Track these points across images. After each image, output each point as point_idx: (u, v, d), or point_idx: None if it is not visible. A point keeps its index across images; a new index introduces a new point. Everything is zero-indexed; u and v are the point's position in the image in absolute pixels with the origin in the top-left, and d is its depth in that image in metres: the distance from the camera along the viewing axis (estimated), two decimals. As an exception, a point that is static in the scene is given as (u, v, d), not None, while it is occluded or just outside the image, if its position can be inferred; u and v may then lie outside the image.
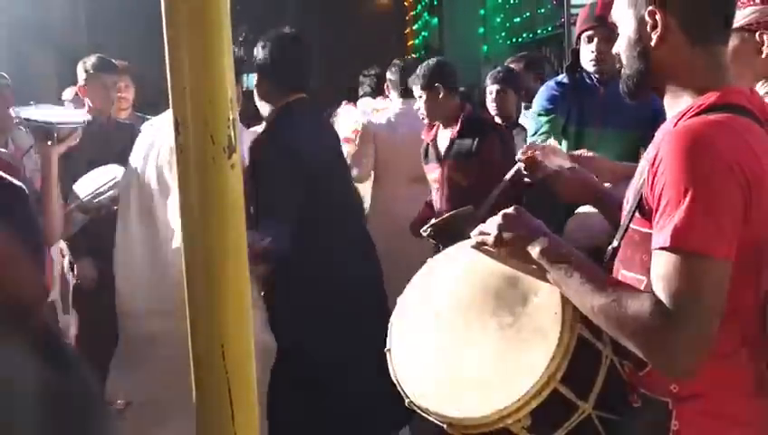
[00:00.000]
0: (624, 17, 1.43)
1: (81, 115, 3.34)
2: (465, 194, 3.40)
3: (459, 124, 3.64)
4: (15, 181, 2.69)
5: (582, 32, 3.08)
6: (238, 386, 1.07)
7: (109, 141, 3.65)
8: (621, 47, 1.46)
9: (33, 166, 3.37)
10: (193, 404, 1.10)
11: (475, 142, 3.53)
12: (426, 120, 3.83)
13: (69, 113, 3.47)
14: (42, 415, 0.84)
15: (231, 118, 1.02)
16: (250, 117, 4.03)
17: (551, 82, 3.40)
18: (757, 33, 1.90)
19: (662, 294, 1.22)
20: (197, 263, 1.06)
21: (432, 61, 3.80)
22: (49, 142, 2.95)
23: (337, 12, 19.86)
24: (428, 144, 3.83)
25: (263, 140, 2.90)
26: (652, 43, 1.38)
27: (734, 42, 1.85)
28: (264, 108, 3.04)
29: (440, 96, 3.63)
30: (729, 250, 1.23)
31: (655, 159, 1.31)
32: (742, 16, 1.87)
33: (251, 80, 3.11)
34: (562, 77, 3.35)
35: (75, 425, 0.87)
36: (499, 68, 4.58)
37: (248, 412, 1.09)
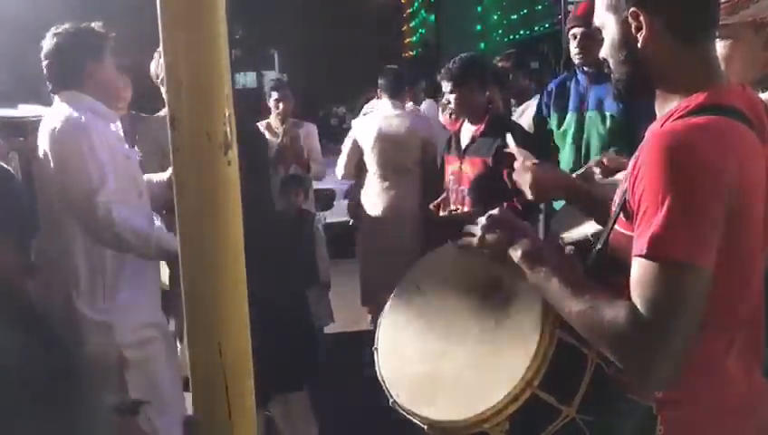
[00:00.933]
0: (606, 21, 1.40)
1: None
2: (479, 192, 3.52)
3: (485, 123, 3.62)
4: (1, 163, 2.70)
5: (568, 31, 3.54)
6: (235, 383, 1.07)
7: None
8: (607, 52, 1.41)
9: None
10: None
11: (496, 143, 3.47)
12: (453, 116, 3.95)
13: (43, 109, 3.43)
14: (26, 391, 0.84)
15: (227, 114, 1.01)
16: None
17: (543, 95, 3.76)
18: None
19: (638, 302, 1.19)
20: (195, 260, 1.05)
21: (465, 56, 3.76)
22: (21, 138, 2.92)
23: (335, 10, 19.87)
24: (452, 136, 3.87)
25: None
26: (639, 45, 1.34)
27: (745, 35, 1.82)
28: None
29: (471, 93, 3.61)
30: (708, 258, 1.19)
31: (636, 161, 1.28)
32: (758, 9, 1.84)
33: (247, 78, 3.12)
34: (551, 84, 3.77)
35: (60, 401, 0.87)
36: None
37: (245, 409, 1.09)
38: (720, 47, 1.78)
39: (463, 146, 3.70)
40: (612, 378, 1.36)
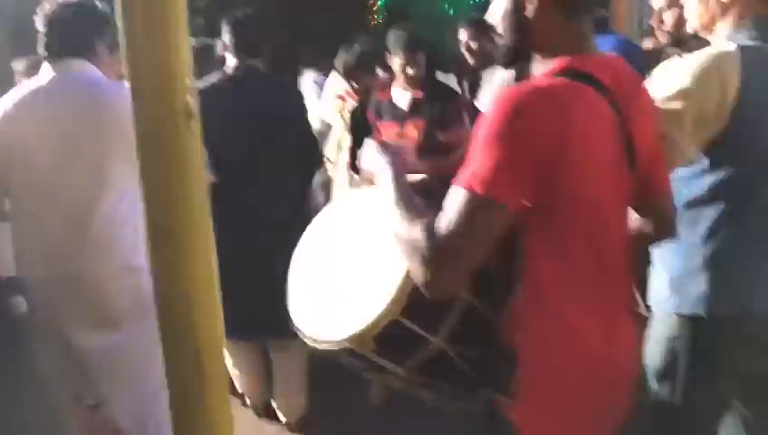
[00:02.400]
0: None
1: None
2: (434, 150, 3.65)
3: (423, 86, 3.86)
4: None
5: None
6: (208, 353, 1.08)
7: None
8: (497, 19, 1.51)
9: None
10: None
11: (441, 103, 3.81)
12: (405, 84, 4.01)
13: None
14: None
15: (188, 83, 1.01)
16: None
17: None
18: None
19: (439, 222, 1.32)
20: (161, 231, 1.05)
21: (406, 28, 4.03)
22: None
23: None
24: (381, 102, 4.04)
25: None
26: (529, 14, 1.44)
27: None
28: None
29: (414, 60, 3.81)
30: (508, 196, 1.30)
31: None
32: None
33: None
34: None
35: None
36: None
37: (218, 378, 1.10)
38: None
39: (401, 109, 3.91)
40: (484, 315, 1.47)
